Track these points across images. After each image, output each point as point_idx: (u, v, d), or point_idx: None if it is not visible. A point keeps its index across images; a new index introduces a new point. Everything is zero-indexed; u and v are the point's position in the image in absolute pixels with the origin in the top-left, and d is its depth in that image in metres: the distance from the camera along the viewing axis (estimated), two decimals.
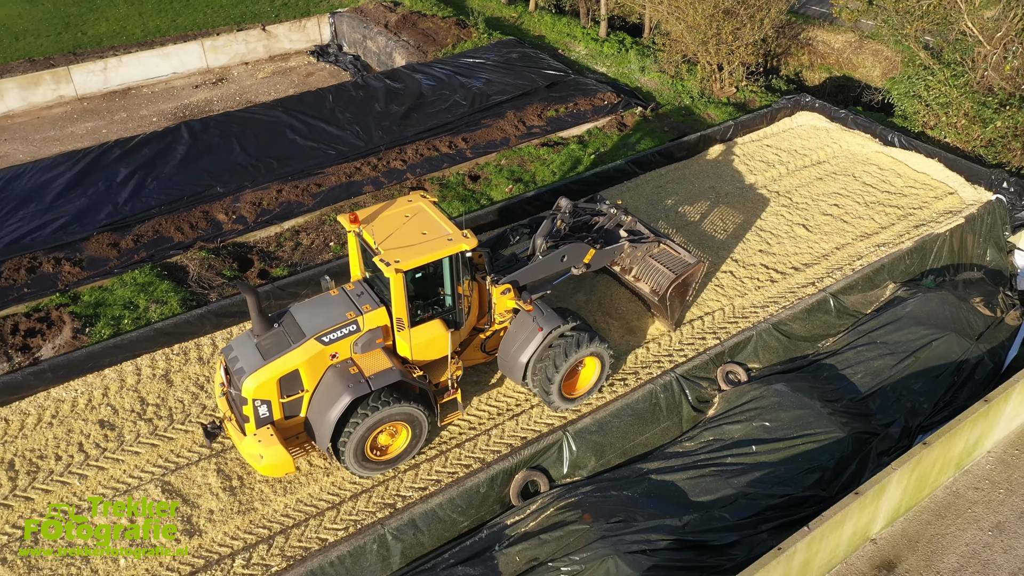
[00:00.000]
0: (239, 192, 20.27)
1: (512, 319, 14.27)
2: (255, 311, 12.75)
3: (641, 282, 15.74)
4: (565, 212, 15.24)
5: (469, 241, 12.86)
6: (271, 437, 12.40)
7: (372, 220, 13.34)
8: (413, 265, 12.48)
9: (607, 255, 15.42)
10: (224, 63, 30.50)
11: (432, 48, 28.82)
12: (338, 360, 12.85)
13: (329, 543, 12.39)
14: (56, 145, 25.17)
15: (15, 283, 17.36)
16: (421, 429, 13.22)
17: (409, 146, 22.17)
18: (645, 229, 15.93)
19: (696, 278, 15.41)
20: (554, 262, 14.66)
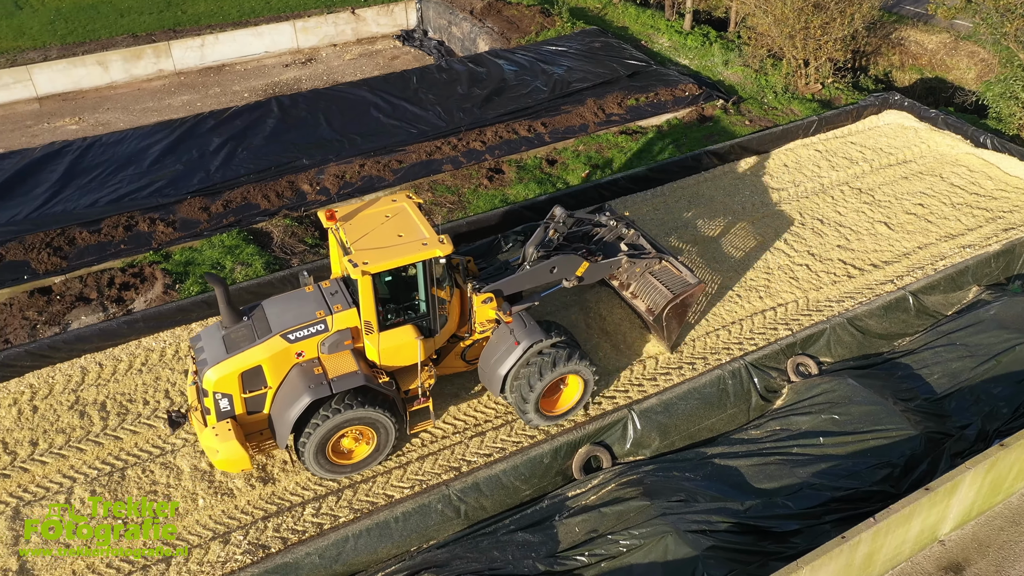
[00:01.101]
0: (323, 165, 20.93)
1: (494, 329, 13.71)
2: (223, 302, 12.46)
3: (638, 299, 15.15)
4: (559, 221, 14.32)
5: (444, 247, 12.29)
6: (228, 432, 12.06)
7: (351, 218, 12.93)
8: (382, 268, 12.04)
9: (602, 269, 14.68)
10: (313, 44, 31.41)
11: (515, 35, 29.12)
12: (304, 359, 12.42)
13: (395, 499, 12.79)
14: (154, 115, 26.37)
15: (113, 239, 18.34)
16: (387, 435, 12.79)
17: (489, 128, 22.51)
18: (648, 244, 15.15)
19: (696, 299, 14.70)
20: (543, 273, 14.00)
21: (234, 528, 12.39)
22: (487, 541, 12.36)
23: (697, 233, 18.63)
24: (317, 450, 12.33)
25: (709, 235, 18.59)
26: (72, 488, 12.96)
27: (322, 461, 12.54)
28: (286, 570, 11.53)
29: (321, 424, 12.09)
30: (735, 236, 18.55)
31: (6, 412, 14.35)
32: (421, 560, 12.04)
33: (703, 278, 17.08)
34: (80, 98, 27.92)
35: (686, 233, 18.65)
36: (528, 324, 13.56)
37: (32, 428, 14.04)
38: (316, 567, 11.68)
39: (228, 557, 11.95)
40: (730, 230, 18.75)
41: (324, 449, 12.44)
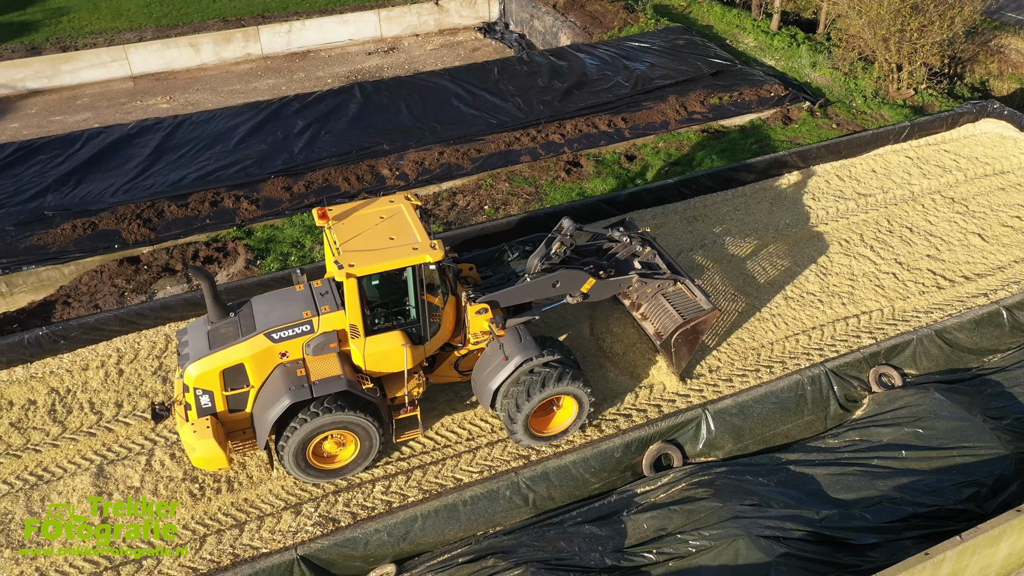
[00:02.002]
0: (403, 151, 21.12)
1: (489, 341, 13.20)
2: (210, 297, 12.28)
3: (647, 322, 14.55)
4: (567, 234, 13.55)
5: (435, 253, 11.86)
6: (206, 430, 11.82)
7: (344, 217, 12.57)
8: (368, 271, 11.69)
9: (609, 287, 13.97)
10: (396, 33, 31.76)
11: (598, 30, 28.93)
12: (288, 359, 12.16)
13: (464, 483, 12.81)
14: (240, 97, 27.02)
15: (199, 214, 18.84)
16: (371, 442, 12.49)
17: (568, 121, 22.39)
18: (663, 264, 14.45)
19: (708, 326, 13.93)
20: (544, 286, 13.34)
21: (305, 500, 12.59)
22: (554, 531, 12.28)
23: (778, 235, 18.19)
24: (296, 453, 12.05)
25: (790, 238, 18.13)
26: (152, 451, 13.37)
27: (302, 464, 12.25)
28: (354, 544, 11.65)
29: (299, 427, 11.80)
30: (818, 240, 18.04)
31: (94, 374, 14.87)
32: (487, 545, 12.03)
33: (773, 283, 16.68)
34: (171, 78, 28.82)
35: (767, 234, 18.22)
36: (523, 339, 13.03)
37: (118, 390, 14.52)
38: (384, 543, 11.78)
39: (299, 527, 12.15)
40: (813, 234, 18.25)
41: (304, 452, 12.15)
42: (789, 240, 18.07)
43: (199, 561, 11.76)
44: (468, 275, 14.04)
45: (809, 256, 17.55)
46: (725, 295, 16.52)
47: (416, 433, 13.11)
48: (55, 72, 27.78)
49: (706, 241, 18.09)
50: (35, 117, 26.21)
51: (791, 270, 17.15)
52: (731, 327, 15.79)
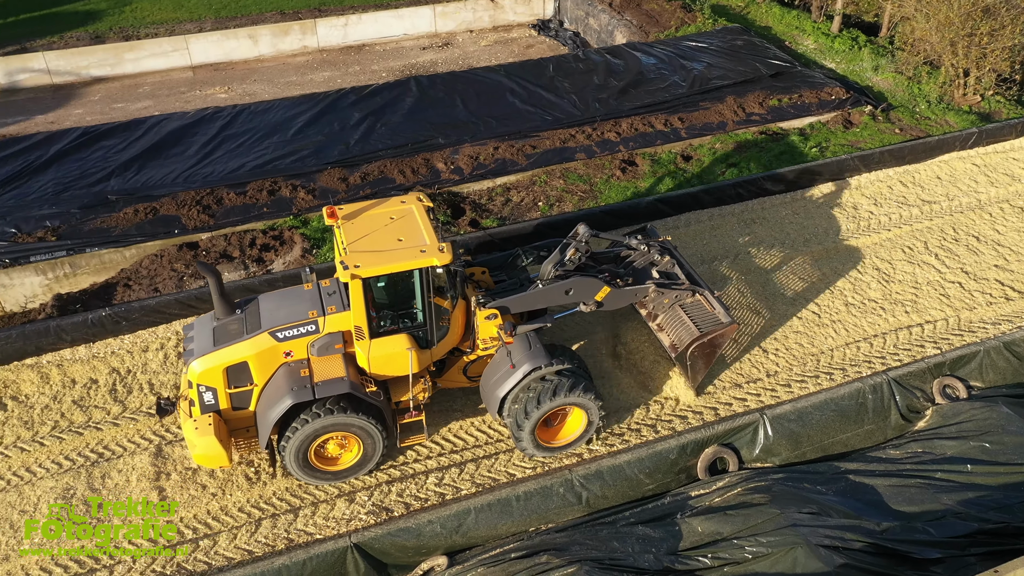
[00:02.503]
0: (458, 145, 21.13)
1: (499, 347, 12.96)
2: (216, 293, 12.18)
3: (663, 333, 14.11)
4: (582, 240, 13.25)
5: (443, 256, 11.57)
6: (208, 427, 11.75)
7: (354, 216, 12.36)
8: (373, 273, 11.47)
9: (625, 296, 13.63)
10: (451, 28, 31.83)
11: (655, 29, 28.66)
12: (292, 359, 12.02)
13: (517, 478, 12.75)
14: (296, 88, 27.30)
15: (257, 202, 19.05)
16: (374, 446, 12.31)
17: (624, 120, 22.20)
18: (682, 274, 14.11)
19: (726, 340, 13.56)
20: (557, 294, 13.09)
21: (359, 489, 12.63)
22: (607, 531, 12.16)
23: (838, 241, 17.82)
24: (298, 453, 11.96)
25: (851, 243, 17.75)
26: None
27: (303, 465, 12.15)
28: (407, 534, 11.66)
29: (300, 428, 11.70)
30: (879, 247, 17.64)
31: (153, 355, 15.12)
32: (540, 541, 11.95)
33: (833, 288, 16.35)
34: (230, 69, 29.22)
35: (826, 239, 17.87)
36: (533, 347, 12.72)
37: (176, 373, 14.73)
38: (437, 535, 11.77)
39: (352, 515, 12.20)
40: (874, 240, 17.85)
41: (306, 453, 12.05)
42: (850, 245, 17.68)
43: (254, 544, 11.87)
44: (480, 279, 13.74)
45: (871, 262, 17.16)
46: (783, 298, 16.24)
47: (421, 438, 12.90)
48: (118, 60, 28.35)
49: (763, 244, 17.80)
50: (98, 104, 26.77)
51: (852, 276, 16.78)
52: (789, 331, 15.50)
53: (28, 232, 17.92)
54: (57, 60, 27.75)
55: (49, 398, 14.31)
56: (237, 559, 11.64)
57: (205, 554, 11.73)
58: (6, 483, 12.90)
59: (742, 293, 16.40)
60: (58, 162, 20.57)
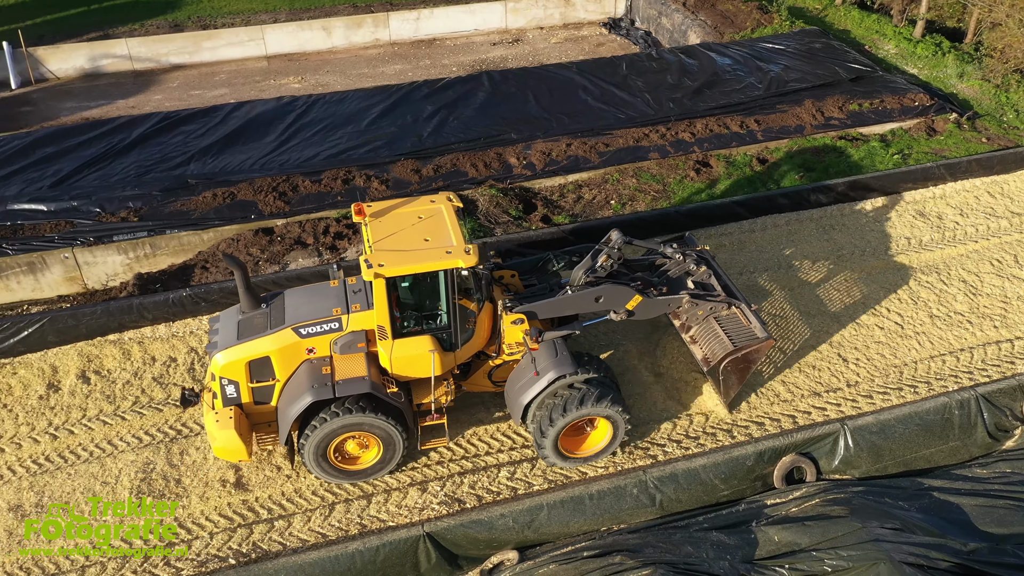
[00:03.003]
0: (531, 141, 21.06)
1: (524, 353, 12.59)
2: (242, 287, 12.06)
3: (696, 345, 13.61)
4: (614, 247, 12.88)
5: (468, 258, 11.31)
6: (228, 420, 11.68)
7: (382, 215, 12.17)
8: (397, 272, 11.26)
9: (657, 306, 13.17)
10: (521, 25, 31.79)
11: (729, 30, 28.21)
12: (315, 356, 11.91)
13: (590, 476, 12.62)
14: (368, 81, 27.53)
15: (331, 191, 19.25)
16: (394, 447, 12.13)
17: (699, 120, 21.87)
18: (718, 285, 13.59)
19: (761, 356, 13.02)
20: (586, 301, 12.71)
21: (431, 479, 12.64)
22: (680, 535, 11.96)
23: (922, 250, 17.29)
24: (317, 451, 11.85)
25: (936, 254, 17.20)
26: None
27: (322, 463, 12.04)
28: (480, 526, 11.63)
29: (319, 427, 11.61)
30: (966, 259, 17.05)
31: None
32: (612, 541, 11.81)
33: (916, 299, 15.86)
34: (303, 59, 29.61)
35: (909, 249, 17.35)
36: (560, 354, 12.32)
37: None
38: (509, 529, 11.71)
39: (425, 504, 12.21)
40: (960, 252, 17.27)
41: (325, 451, 11.93)
42: (934, 256, 17.14)
43: (327, 527, 11.97)
44: (510, 283, 13.48)
45: (956, 274, 16.60)
46: (862, 307, 15.81)
47: (442, 442, 12.68)
48: (196, 48, 28.94)
49: (843, 251, 17.35)
50: (176, 90, 27.37)
51: (936, 287, 16.26)
52: (870, 341, 15.08)
53: (112, 212, 18.39)
54: (139, 47, 28.45)
55: (130, 374, 14.64)
56: (311, 541, 11.73)
57: (280, 534, 11.86)
58: (89, 454, 13.23)
59: (819, 299, 16.01)
60: (140, 145, 21.06)
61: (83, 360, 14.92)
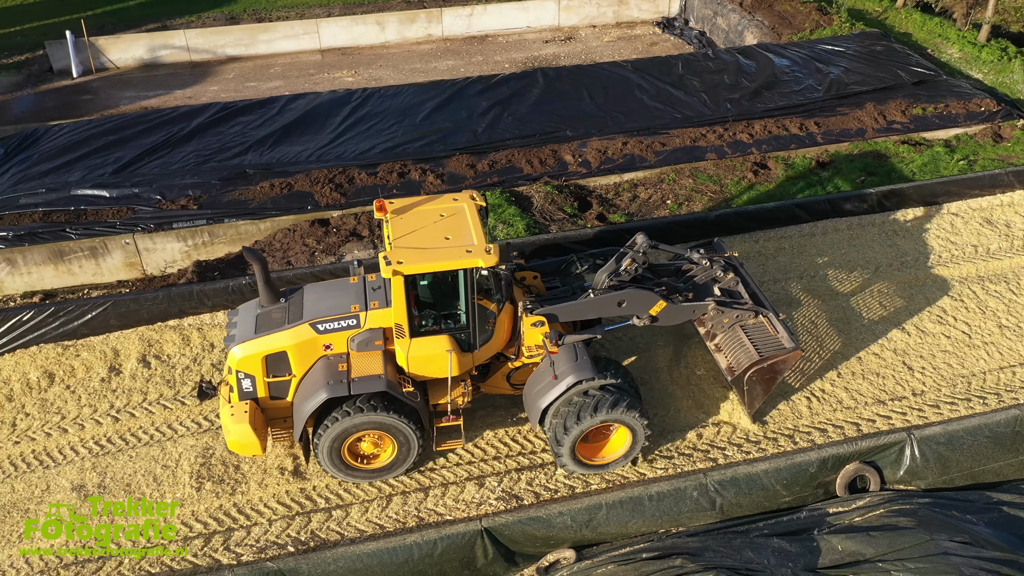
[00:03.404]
0: (586, 138, 20.93)
1: (544, 356, 12.32)
2: (262, 280, 11.98)
3: (721, 354, 13.30)
4: (639, 251, 12.56)
5: (488, 258, 11.10)
6: (244, 414, 11.63)
7: (404, 212, 12.03)
8: (415, 270, 11.11)
9: (682, 312, 12.83)
10: (574, 23, 31.65)
11: (787, 31, 27.79)
12: (332, 352, 11.78)
13: (649, 478, 12.47)
14: (420, 76, 27.61)
15: (387, 183, 19.30)
16: (409, 447, 11.97)
17: (757, 121, 21.56)
18: (745, 293, 13.26)
19: (788, 366, 12.64)
20: (608, 305, 12.42)
21: (488, 474, 12.59)
22: (740, 540, 11.76)
23: (990, 259, 16.81)
24: (330, 449, 11.73)
25: (1003, 263, 16.71)
26: None
27: (336, 461, 11.91)
28: (538, 523, 11.55)
29: (331, 426, 11.49)
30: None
31: None
32: (671, 544, 11.65)
33: (984, 308, 15.43)
34: (356, 53, 29.79)
35: (976, 257, 16.89)
36: (580, 358, 12.05)
37: None
38: (567, 527, 11.62)
39: (482, 499, 12.15)
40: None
41: (339, 449, 11.80)
42: (1003, 264, 16.66)
43: (385, 519, 11.97)
44: (532, 284, 13.27)
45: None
46: (928, 316, 15.42)
47: (458, 443, 12.49)
48: (252, 41, 29.27)
49: (907, 257, 16.95)
50: (232, 82, 27.70)
51: (1005, 296, 15.81)
52: (936, 350, 14.70)
53: (171, 200, 18.64)
54: (196, 38, 28.85)
55: (189, 359, 14.80)
56: (369, 532, 11.73)
57: (338, 524, 11.88)
58: (149, 437, 13.40)
59: (882, 305, 15.66)
60: (199, 135, 21.33)
61: (144, 344, 15.13)
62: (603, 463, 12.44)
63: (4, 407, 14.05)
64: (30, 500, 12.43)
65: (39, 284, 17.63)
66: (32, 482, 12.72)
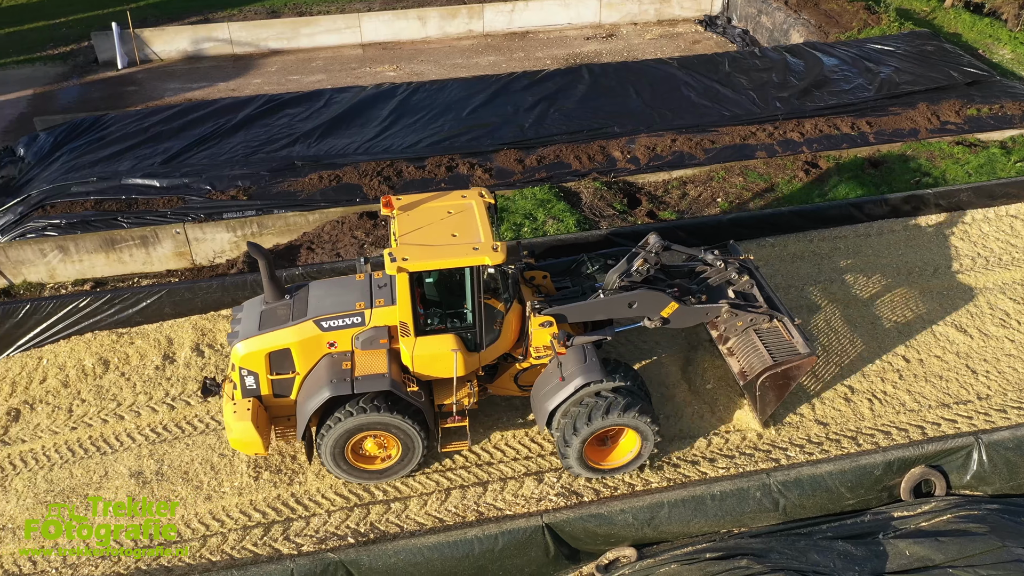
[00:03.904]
0: (634, 135, 20.75)
1: (552, 357, 12.09)
2: (266, 276, 11.83)
3: (733, 358, 12.99)
4: (651, 251, 12.25)
5: (495, 256, 10.89)
6: (246, 412, 11.47)
7: (411, 208, 11.84)
8: (420, 267, 10.93)
9: (694, 314, 12.56)
10: (615, 20, 31.43)
11: (834, 30, 27.42)
12: (336, 350, 11.61)
13: (711, 477, 12.29)
14: (462, 71, 27.50)
15: (435, 177, 19.24)
16: (413, 448, 11.79)
17: (808, 120, 21.28)
18: (760, 297, 12.91)
19: (803, 372, 12.35)
20: (619, 306, 12.18)
21: (546, 469, 12.47)
22: (804, 542, 11.55)
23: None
24: (333, 449, 11.54)
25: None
26: None
27: (339, 462, 11.72)
28: (599, 520, 11.41)
29: (333, 426, 11.32)
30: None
31: None
32: (734, 544, 11.47)
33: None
34: (397, 48, 29.76)
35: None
36: (588, 360, 11.76)
37: None
38: (628, 525, 11.47)
39: (542, 495, 12.03)
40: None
41: (342, 449, 11.61)
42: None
43: (444, 512, 11.88)
44: (541, 284, 13.03)
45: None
46: (990, 318, 15.12)
47: (463, 445, 12.30)
48: (294, 34, 29.33)
49: (964, 259, 16.64)
50: (275, 75, 27.76)
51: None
52: (1000, 354, 14.40)
53: (221, 190, 18.69)
54: (239, 31, 28.94)
55: None
56: (428, 525, 11.66)
57: (396, 516, 11.82)
58: (205, 426, 13.41)
59: (942, 308, 15.37)
60: (246, 127, 21.37)
61: (197, 333, 15.15)
62: (611, 468, 12.17)
63: (60, 393, 14.13)
64: (88, 486, 12.47)
65: (90, 272, 17.74)
66: (90, 468, 12.76)
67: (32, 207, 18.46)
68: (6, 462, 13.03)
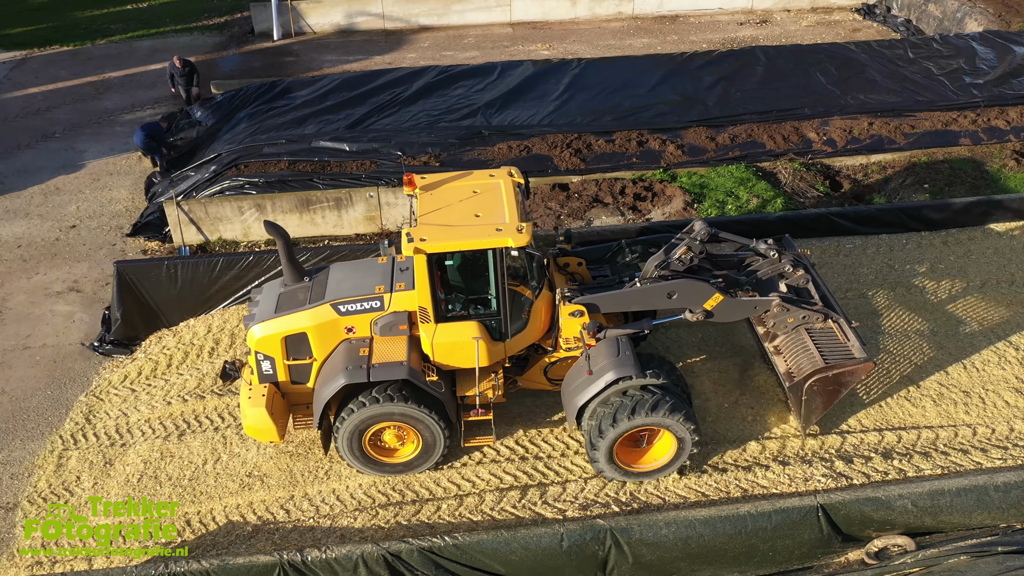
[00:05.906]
0: (827, 117, 19.95)
1: (584, 350, 11.23)
2: (285, 258, 11.35)
3: (780, 356, 11.90)
4: (696, 239, 11.25)
5: (519, 237, 10.15)
6: (260, 398, 10.97)
7: (434, 187, 11.20)
8: (439, 248, 10.23)
9: (741, 307, 11.45)
10: (767, 6, 30.52)
11: (1016, 19, 26.09)
12: (354, 335, 11.00)
13: (989, 467, 11.52)
14: (616, 52, 26.96)
15: (626, 152, 18.79)
16: (434, 441, 11.09)
17: (1012, 108, 20.18)
18: (815, 293, 11.79)
19: (856, 379, 11.27)
20: (656, 296, 11.18)
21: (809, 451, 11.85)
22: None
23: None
24: (350, 439, 10.94)
25: None
26: None
27: (356, 453, 11.12)
28: (876, 505, 10.75)
29: (347, 417, 10.76)
30: None
31: None
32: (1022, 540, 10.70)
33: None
34: (547, 28, 29.40)
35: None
36: (622, 354, 10.86)
37: None
38: (907, 511, 10.78)
39: (808, 476, 11.44)
40: None
41: (360, 440, 11.01)
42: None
43: (706, 487, 11.38)
44: (576, 271, 12.19)
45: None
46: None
47: (488, 440, 11.56)
48: (445, 11, 29.23)
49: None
50: (427, 50, 27.67)
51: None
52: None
53: (412, 156, 18.54)
54: (392, 7, 28.96)
55: None
56: (691, 499, 11.16)
57: (655, 487, 11.35)
58: None
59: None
60: (423, 97, 21.26)
61: None
62: (644, 471, 11.30)
63: None
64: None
65: None
66: None
67: (225, 166, 18.59)
68: (225, 412, 12.97)
